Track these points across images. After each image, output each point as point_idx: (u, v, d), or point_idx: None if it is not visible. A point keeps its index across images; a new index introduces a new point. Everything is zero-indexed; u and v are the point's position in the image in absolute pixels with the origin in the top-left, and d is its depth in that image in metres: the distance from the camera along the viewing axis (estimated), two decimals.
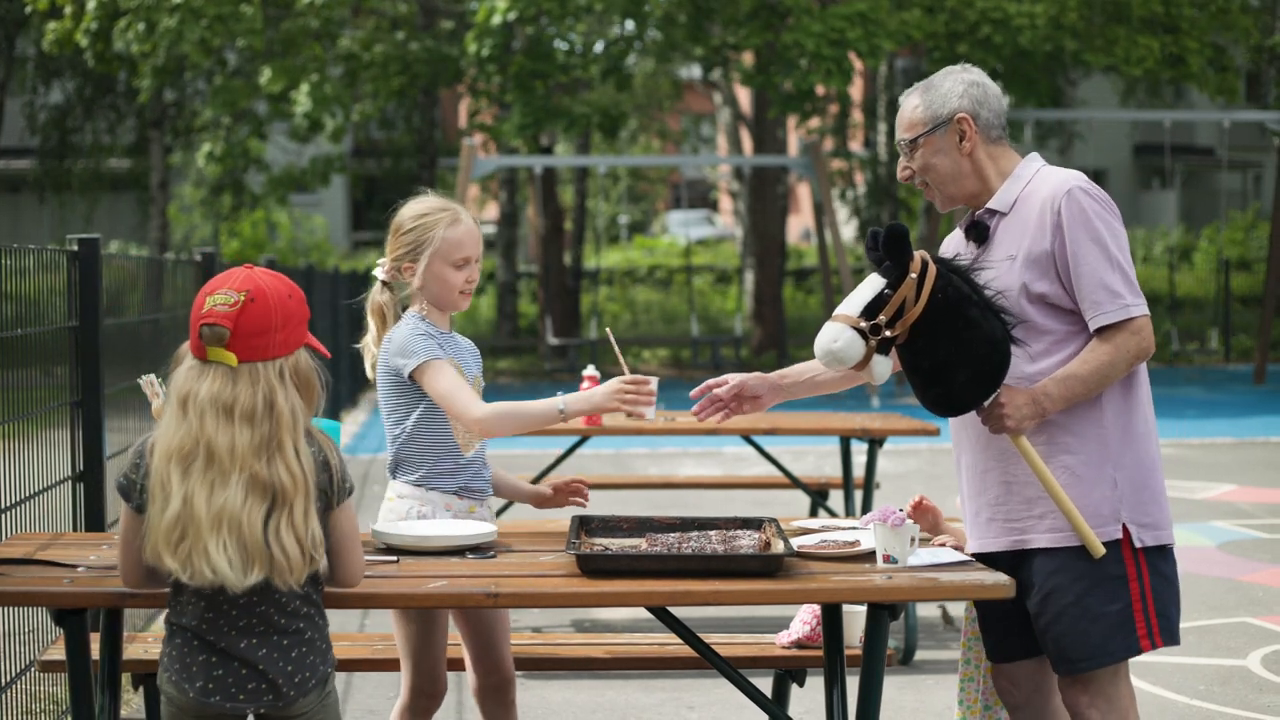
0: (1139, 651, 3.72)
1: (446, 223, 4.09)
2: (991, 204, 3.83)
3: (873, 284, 3.65)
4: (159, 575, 3.20)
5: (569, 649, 4.98)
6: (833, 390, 4.18)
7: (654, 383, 3.97)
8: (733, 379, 4.10)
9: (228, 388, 3.09)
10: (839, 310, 3.67)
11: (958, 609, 7.16)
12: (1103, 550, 3.67)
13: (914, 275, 3.59)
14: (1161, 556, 3.76)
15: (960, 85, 3.84)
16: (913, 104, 3.87)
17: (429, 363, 3.99)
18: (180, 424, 3.09)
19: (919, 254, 3.63)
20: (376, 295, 4.19)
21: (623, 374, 3.99)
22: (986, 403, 3.68)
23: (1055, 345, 3.73)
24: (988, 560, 3.77)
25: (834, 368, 3.70)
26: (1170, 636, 3.77)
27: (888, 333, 3.62)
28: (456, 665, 4.36)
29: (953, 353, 3.62)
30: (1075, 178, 3.76)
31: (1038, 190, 3.77)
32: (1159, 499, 3.77)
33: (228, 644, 3.14)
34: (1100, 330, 3.68)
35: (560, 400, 3.98)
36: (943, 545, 3.85)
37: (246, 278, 3.17)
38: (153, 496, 3.08)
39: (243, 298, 3.12)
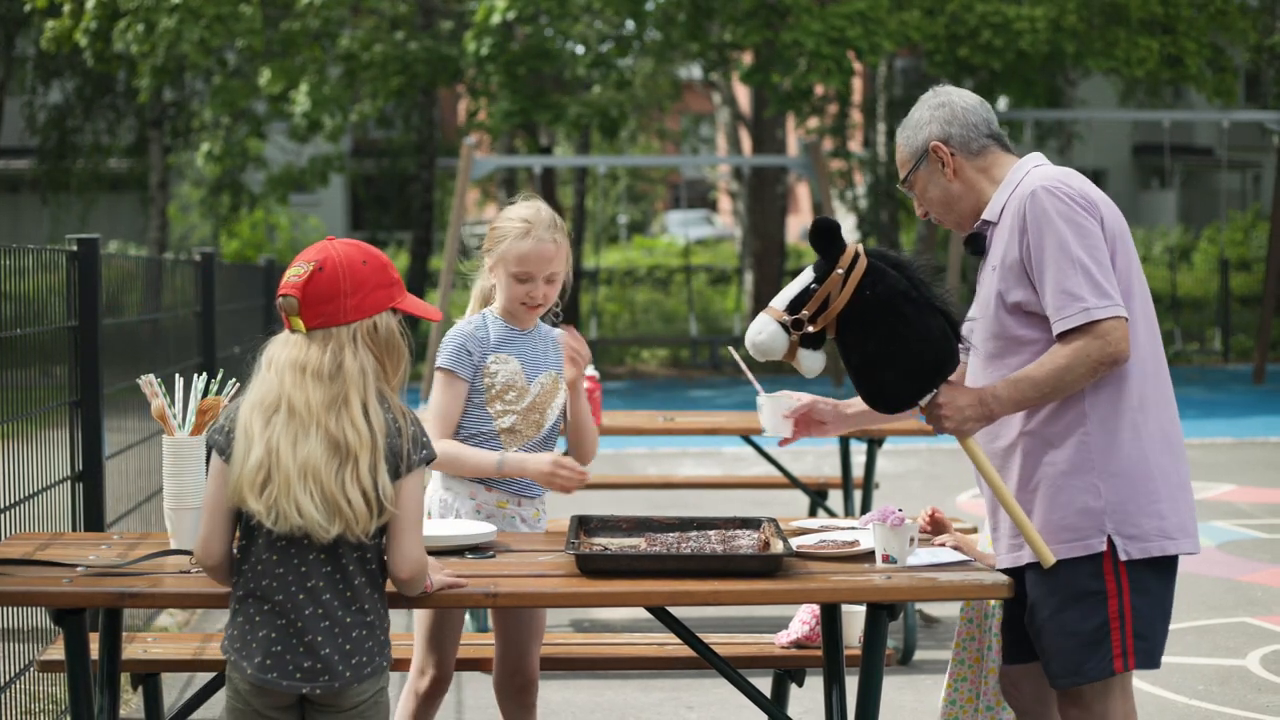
0: (1113, 673, 3.58)
1: (516, 235, 4.15)
2: (985, 214, 3.76)
3: (804, 277, 3.65)
4: (232, 556, 3.29)
5: (568, 649, 4.98)
6: (893, 419, 4.00)
7: (790, 404, 4.00)
8: (804, 398, 4.05)
9: (303, 351, 3.26)
10: (772, 302, 3.68)
11: (941, 609, 7.17)
12: (1052, 560, 3.53)
13: (840, 271, 3.56)
14: (1151, 571, 3.61)
15: (927, 112, 3.80)
16: (898, 144, 3.86)
17: (444, 371, 4.12)
18: (264, 380, 3.26)
19: (851, 247, 3.59)
20: (482, 280, 4.32)
21: (760, 391, 4.08)
22: (924, 401, 3.63)
23: (1039, 356, 3.60)
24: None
25: (761, 359, 3.70)
26: (1148, 659, 3.61)
27: (810, 328, 3.60)
28: (477, 666, 4.40)
29: (880, 349, 3.57)
30: (1044, 177, 3.64)
31: (1018, 195, 3.67)
32: (1152, 509, 3.60)
33: (294, 606, 3.19)
34: (1062, 335, 3.54)
35: (499, 457, 4.06)
36: (942, 545, 3.85)
37: (320, 248, 3.32)
38: (237, 442, 3.22)
39: (311, 268, 3.27)
